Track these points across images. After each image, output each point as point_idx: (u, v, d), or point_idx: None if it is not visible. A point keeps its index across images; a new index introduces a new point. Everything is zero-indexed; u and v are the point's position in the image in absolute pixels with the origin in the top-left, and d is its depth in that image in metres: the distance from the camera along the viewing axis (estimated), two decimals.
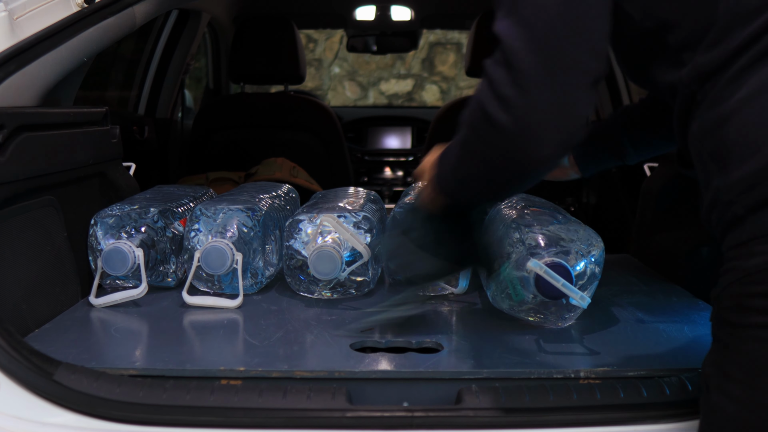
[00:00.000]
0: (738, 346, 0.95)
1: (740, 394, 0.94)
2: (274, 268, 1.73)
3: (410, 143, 4.59)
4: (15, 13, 1.50)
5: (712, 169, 0.99)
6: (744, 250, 0.95)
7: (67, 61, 1.59)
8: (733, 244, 0.97)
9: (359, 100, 7.86)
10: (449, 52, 7.85)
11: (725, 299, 0.97)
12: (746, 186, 0.94)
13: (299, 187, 2.69)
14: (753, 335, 0.92)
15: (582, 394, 1.16)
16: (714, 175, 0.98)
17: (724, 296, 0.97)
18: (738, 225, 0.96)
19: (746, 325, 0.93)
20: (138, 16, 1.73)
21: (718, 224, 1.00)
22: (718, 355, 0.99)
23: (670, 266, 1.92)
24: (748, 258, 0.94)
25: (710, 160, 0.99)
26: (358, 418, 1.13)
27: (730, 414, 0.95)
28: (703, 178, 1.02)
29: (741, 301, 0.94)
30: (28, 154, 1.46)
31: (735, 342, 0.95)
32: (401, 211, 1.58)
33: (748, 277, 0.93)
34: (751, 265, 0.93)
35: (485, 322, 1.52)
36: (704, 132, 0.99)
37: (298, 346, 1.38)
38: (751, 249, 0.94)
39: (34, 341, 1.35)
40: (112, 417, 1.15)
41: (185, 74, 3.47)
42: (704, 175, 1.02)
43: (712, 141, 0.98)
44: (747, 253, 0.94)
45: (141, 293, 1.59)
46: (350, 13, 3.88)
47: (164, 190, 1.92)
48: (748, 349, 0.93)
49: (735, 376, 0.95)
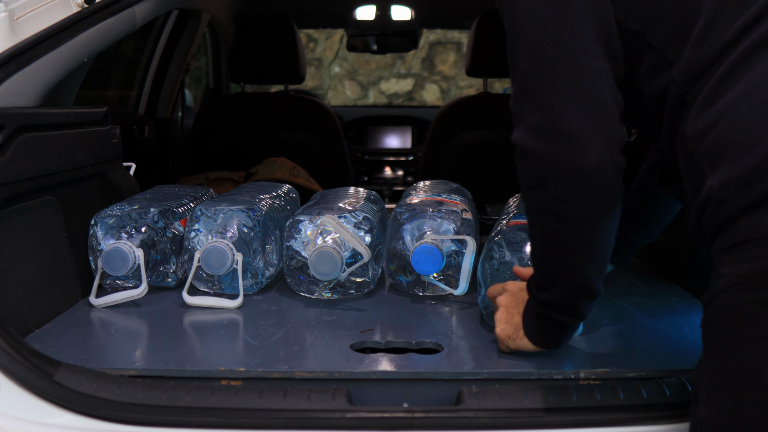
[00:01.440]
0: (729, 356, 0.91)
1: (729, 407, 0.90)
2: (274, 269, 1.73)
3: (410, 143, 4.59)
4: (15, 13, 1.50)
5: (705, 170, 0.96)
6: (736, 254, 0.92)
7: (68, 61, 1.59)
8: (724, 248, 0.94)
9: (359, 99, 7.86)
10: (449, 51, 7.84)
11: (715, 307, 0.93)
12: (741, 184, 0.91)
13: (299, 187, 2.69)
14: (745, 346, 0.89)
15: (582, 395, 1.16)
16: (707, 176, 0.96)
17: (714, 304, 0.94)
18: (730, 226, 0.93)
19: (739, 335, 0.89)
20: (138, 16, 1.73)
21: (708, 227, 0.97)
22: (707, 366, 0.95)
23: (670, 266, 1.92)
24: (741, 263, 0.90)
25: (703, 160, 0.97)
26: (358, 418, 1.13)
27: (719, 426, 0.92)
28: (694, 182, 1.00)
29: (734, 310, 0.90)
30: (28, 155, 1.46)
31: (725, 352, 0.91)
32: None
33: (741, 283, 0.90)
34: (743, 271, 0.90)
35: (485, 324, 1.52)
36: (698, 132, 0.98)
37: (299, 347, 1.38)
38: (744, 253, 0.90)
39: (34, 341, 1.35)
40: (112, 418, 1.15)
41: (185, 74, 3.47)
42: (695, 179, 0.99)
43: (706, 140, 0.96)
44: (740, 257, 0.91)
45: (141, 293, 1.59)
46: (350, 13, 3.88)
47: (164, 190, 1.93)
48: (740, 360, 0.89)
49: (725, 388, 0.91)
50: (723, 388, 0.91)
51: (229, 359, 1.34)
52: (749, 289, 0.89)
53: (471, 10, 3.63)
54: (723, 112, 0.95)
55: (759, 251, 0.89)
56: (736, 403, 0.90)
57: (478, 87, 4.53)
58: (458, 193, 1.89)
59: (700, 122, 0.98)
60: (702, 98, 0.98)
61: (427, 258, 1.59)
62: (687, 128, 1.00)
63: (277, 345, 1.38)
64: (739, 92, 0.94)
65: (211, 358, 1.37)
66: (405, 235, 1.66)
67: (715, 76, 0.97)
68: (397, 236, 1.67)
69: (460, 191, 1.95)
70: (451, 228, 1.65)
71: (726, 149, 0.94)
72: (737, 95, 0.94)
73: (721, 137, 0.95)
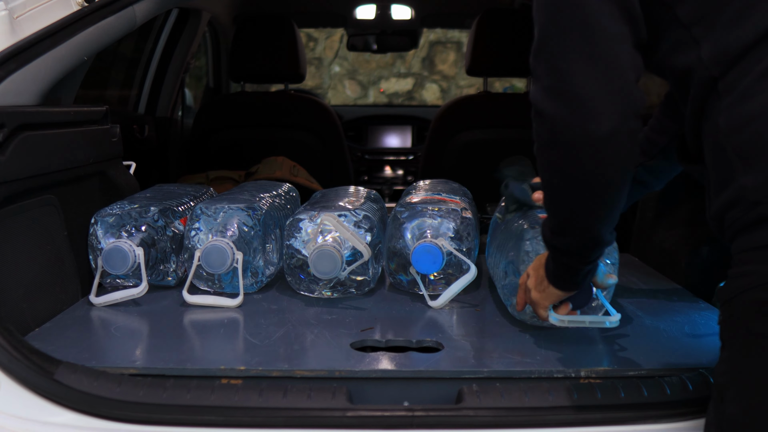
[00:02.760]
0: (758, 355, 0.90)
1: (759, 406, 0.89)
2: (274, 267, 1.73)
3: (410, 142, 4.59)
4: (15, 12, 1.50)
5: (736, 166, 0.94)
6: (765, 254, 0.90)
7: (68, 60, 1.59)
8: (751, 247, 0.93)
9: (359, 98, 7.86)
10: (449, 50, 7.84)
11: (740, 304, 0.92)
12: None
13: (299, 186, 2.69)
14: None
15: (582, 394, 1.16)
16: (739, 172, 0.94)
17: (739, 301, 0.92)
18: (762, 226, 0.91)
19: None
20: (138, 15, 1.73)
21: (734, 224, 0.95)
22: (733, 365, 0.94)
23: (670, 266, 1.92)
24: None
25: (736, 156, 0.94)
26: (358, 417, 1.13)
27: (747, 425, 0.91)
28: (721, 174, 0.98)
29: (762, 308, 0.89)
30: (28, 153, 1.46)
31: (754, 351, 0.90)
32: None
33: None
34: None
35: (485, 322, 1.52)
36: (732, 126, 0.95)
37: (299, 346, 1.38)
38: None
39: (34, 340, 1.35)
40: (112, 416, 1.15)
41: (185, 73, 3.47)
42: (723, 171, 0.97)
43: (741, 136, 0.94)
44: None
45: (141, 292, 1.58)
46: (350, 12, 3.88)
47: (164, 189, 1.92)
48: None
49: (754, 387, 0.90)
50: (753, 387, 0.90)
51: (229, 358, 1.34)
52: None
53: (471, 9, 3.63)
54: (762, 110, 0.92)
55: None
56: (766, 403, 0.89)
57: (479, 86, 4.52)
58: (458, 192, 1.89)
59: (736, 116, 0.95)
60: (739, 92, 0.94)
61: (427, 257, 1.59)
62: (720, 120, 0.97)
63: (277, 343, 1.38)
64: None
65: (212, 357, 1.37)
66: (405, 234, 1.66)
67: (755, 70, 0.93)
68: (397, 235, 1.67)
69: (460, 190, 1.95)
70: (450, 227, 1.65)
71: (763, 148, 0.92)
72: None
73: (759, 135, 0.92)
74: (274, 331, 1.44)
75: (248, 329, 1.47)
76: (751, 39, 0.93)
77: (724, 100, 0.96)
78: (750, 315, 0.91)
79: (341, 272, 1.60)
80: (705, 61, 0.97)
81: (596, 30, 0.99)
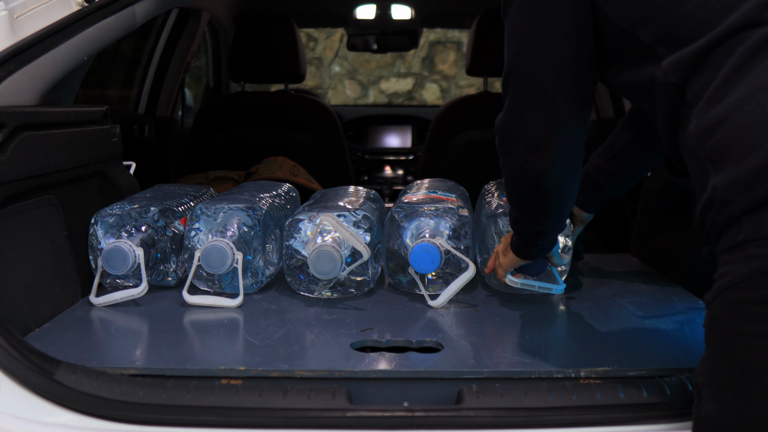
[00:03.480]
0: (732, 354, 0.91)
1: (733, 404, 0.91)
2: (274, 268, 1.73)
3: (410, 142, 4.59)
4: (15, 12, 1.50)
5: (709, 169, 0.97)
6: (739, 254, 0.92)
7: (68, 60, 1.59)
8: (728, 247, 0.94)
9: (359, 98, 7.86)
10: (449, 50, 7.84)
11: (719, 305, 0.94)
12: (744, 185, 0.91)
13: (299, 186, 2.69)
14: (748, 344, 0.89)
15: (582, 394, 1.16)
16: (711, 175, 0.96)
17: (718, 302, 0.94)
18: (733, 226, 0.93)
19: (742, 333, 0.90)
20: (138, 15, 1.73)
21: (712, 226, 0.97)
22: (711, 363, 0.95)
23: (670, 266, 1.92)
24: (744, 261, 0.91)
25: (707, 160, 0.97)
26: (358, 417, 1.13)
27: (723, 423, 0.92)
28: (699, 181, 1.00)
29: (736, 308, 0.91)
30: (28, 154, 1.46)
31: (729, 350, 0.92)
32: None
33: (744, 282, 0.90)
34: (747, 270, 0.90)
35: (485, 322, 1.52)
36: (702, 132, 0.98)
37: (299, 346, 1.38)
38: (747, 252, 0.91)
39: (34, 340, 1.35)
40: (112, 416, 1.15)
41: (185, 73, 3.47)
42: (700, 177, 1.00)
43: (710, 140, 0.97)
44: (742, 256, 0.91)
45: (141, 292, 1.59)
46: (350, 12, 3.88)
47: (164, 189, 1.92)
48: (743, 358, 0.90)
49: (728, 385, 0.91)
50: (727, 385, 0.92)
51: (229, 358, 1.34)
52: (752, 288, 0.89)
53: (471, 9, 3.63)
54: (727, 114, 0.95)
55: (762, 251, 0.89)
56: (740, 400, 0.90)
57: (479, 86, 4.53)
58: (454, 191, 1.89)
59: (704, 122, 0.98)
60: (705, 99, 0.98)
61: (425, 257, 1.59)
62: (691, 127, 1.00)
63: (277, 344, 1.38)
64: (742, 94, 0.94)
65: (211, 357, 1.37)
66: (402, 234, 1.66)
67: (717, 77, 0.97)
68: (395, 236, 1.67)
69: (456, 188, 1.95)
70: (447, 226, 1.65)
71: (729, 150, 0.94)
72: (741, 97, 0.94)
73: (725, 138, 0.95)
74: (273, 332, 1.44)
75: (248, 329, 1.47)
76: (702, 51, 1.00)
77: (693, 108, 1.00)
78: (725, 315, 0.93)
79: (341, 272, 1.60)
80: (663, 67, 1.04)
81: (547, 78, 1.17)
